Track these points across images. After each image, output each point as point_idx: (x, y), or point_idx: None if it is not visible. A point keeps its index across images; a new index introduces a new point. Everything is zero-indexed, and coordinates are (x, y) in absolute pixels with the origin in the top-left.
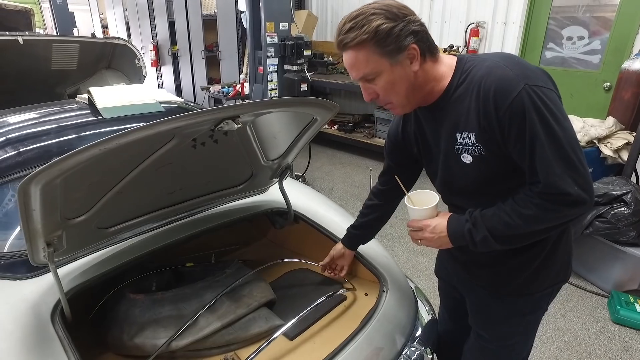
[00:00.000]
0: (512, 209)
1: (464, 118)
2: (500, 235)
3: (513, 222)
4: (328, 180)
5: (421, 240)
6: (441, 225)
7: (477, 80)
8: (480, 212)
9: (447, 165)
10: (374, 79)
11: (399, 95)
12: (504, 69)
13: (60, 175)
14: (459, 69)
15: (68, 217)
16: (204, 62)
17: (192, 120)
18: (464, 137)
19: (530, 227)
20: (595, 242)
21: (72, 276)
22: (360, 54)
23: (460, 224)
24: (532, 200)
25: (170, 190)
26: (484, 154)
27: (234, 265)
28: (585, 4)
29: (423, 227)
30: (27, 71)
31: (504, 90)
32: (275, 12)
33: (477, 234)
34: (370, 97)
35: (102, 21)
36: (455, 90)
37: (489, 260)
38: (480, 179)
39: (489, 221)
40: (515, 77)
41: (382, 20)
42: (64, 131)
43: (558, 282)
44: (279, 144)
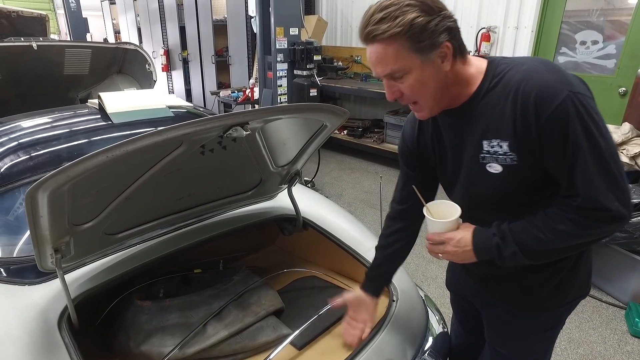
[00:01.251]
0: (544, 224)
1: (494, 125)
2: (531, 250)
3: (545, 238)
4: (337, 186)
5: (443, 254)
6: (465, 238)
7: (514, 84)
8: (509, 226)
9: (468, 176)
10: (402, 76)
11: (427, 96)
12: (545, 74)
13: (68, 182)
14: (490, 72)
15: (76, 224)
16: (214, 67)
17: (201, 127)
18: (494, 146)
19: (564, 243)
20: (612, 252)
21: (80, 282)
22: (390, 49)
23: (487, 238)
24: (567, 216)
25: (179, 197)
26: (517, 163)
27: (242, 272)
28: (600, 7)
29: (445, 241)
30: (40, 76)
31: (546, 96)
32: (285, 17)
33: (506, 249)
34: (394, 97)
35: (114, 26)
36: (486, 95)
37: (509, 275)
38: (508, 190)
39: (519, 236)
40: (558, 83)
41: (418, 13)
42: (74, 136)
43: (580, 297)
44: (288, 150)
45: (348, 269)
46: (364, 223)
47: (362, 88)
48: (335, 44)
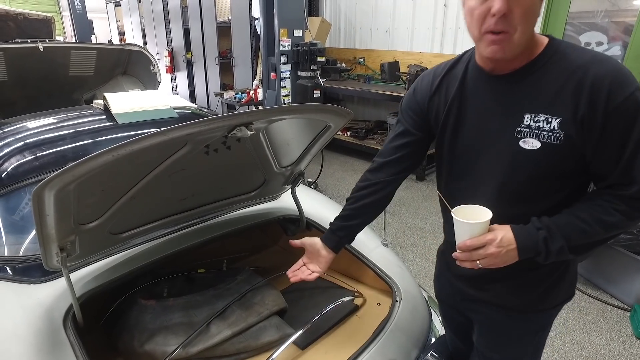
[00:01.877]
0: (589, 216)
1: (548, 100)
2: (576, 244)
3: (591, 230)
4: (340, 187)
5: (484, 260)
6: (508, 236)
7: (583, 65)
8: (551, 220)
9: (494, 152)
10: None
11: (529, 29)
12: (616, 62)
13: (74, 181)
14: (552, 47)
15: (81, 223)
16: (217, 68)
17: (205, 127)
18: (539, 120)
19: (607, 234)
20: (616, 254)
21: (85, 281)
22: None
23: (532, 233)
24: (616, 207)
25: (183, 196)
26: (560, 143)
27: (245, 272)
28: (604, 9)
29: (487, 242)
30: (46, 78)
31: (621, 83)
32: (289, 19)
33: (554, 243)
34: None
35: (119, 28)
36: (542, 67)
37: (500, 274)
38: (539, 172)
39: (565, 229)
40: (629, 74)
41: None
42: (79, 136)
43: (568, 298)
44: (292, 150)
45: (351, 269)
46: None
47: (366, 90)
48: (338, 46)
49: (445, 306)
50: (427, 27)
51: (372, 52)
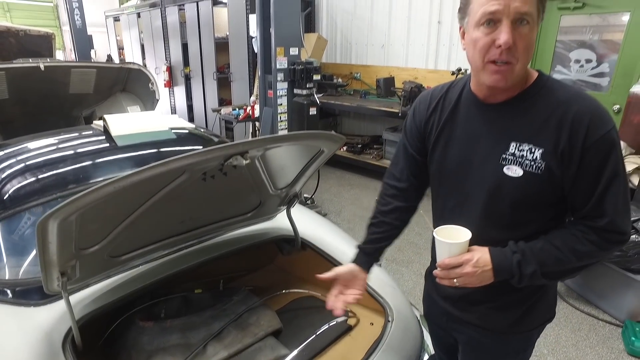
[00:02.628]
0: (563, 244)
1: (533, 131)
2: (548, 270)
3: (565, 258)
4: (337, 202)
5: (460, 278)
6: (484, 258)
7: (566, 101)
8: (527, 245)
9: (480, 176)
10: (529, 23)
11: (527, 59)
12: (596, 102)
13: (78, 211)
14: (540, 81)
15: (82, 248)
16: (215, 83)
17: (203, 158)
18: (523, 150)
19: (580, 263)
20: (606, 270)
21: (84, 303)
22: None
23: (507, 256)
24: (587, 237)
25: (181, 220)
26: (541, 173)
27: (242, 292)
28: (594, 24)
29: (464, 262)
30: (46, 95)
31: (598, 122)
32: (286, 38)
33: (527, 267)
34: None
35: (118, 43)
36: (530, 100)
37: (483, 297)
38: (520, 199)
39: (539, 254)
40: (607, 113)
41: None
42: (79, 158)
43: (548, 319)
44: (287, 173)
45: None
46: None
47: (361, 105)
48: (335, 61)
49: (434, 326)
50: (421, 43)
51: (368, 67)
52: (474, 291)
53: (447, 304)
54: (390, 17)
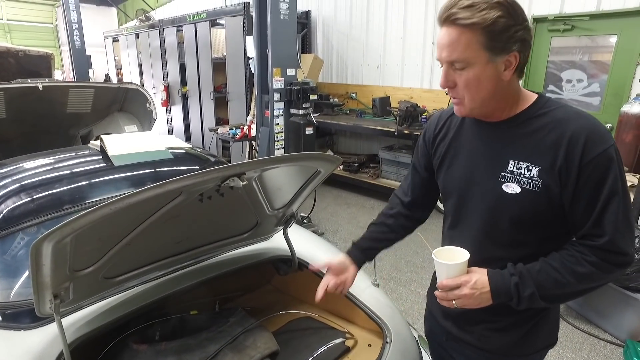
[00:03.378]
0: (562, 266)
1: (530, 149)
2: (547, 293)
3: (563, 280)
4: (333, 221)
5: (459, 300)
6: (482, 280)
7: (563, 120)
8: (525, 267)
9: (480, 193)
10: (463, 68)
11: (476, 96)
12: (595, 120)
13: (72, 233)
14: (539, 102)
15: (76, 269)
16: (212, 103)
17: (200, 179)
18: (521, 167)
19: (580, 285)
20: (606, 288)
21: (77, 326)
22: (464, 36)
23: (505, 278)
24: (586, 258)
25: (177, 240)
26: (538, 191)
27: (238, 314)
28: (584, 45)
29: (462, 284)
30: (43, 115)
31: (596, 140)
32: (282, 58)
33: (525, 289)
34: (447, 85)
35: (116, 63)
36: (527, 120)
37: (482, 316)
38: (519, 216)
39: (537, 276)
40: (606, 132)
41: (504, 14)
42: (76, 178)
43: (550, 345)
44: (284, 194)
45: (342, 309)
46: None
47: (358, 124)
48: (331, 81)
49: (435, 344)
50: (416, 63)
51: (363, 87)
52: (474, 310)
53: (447, 322)
54: (385, 37)
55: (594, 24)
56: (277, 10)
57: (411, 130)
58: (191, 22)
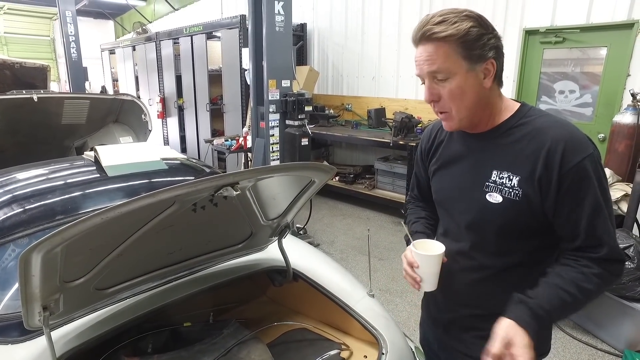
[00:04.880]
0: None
1: (511, 159)
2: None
3: (571, 300)
4: (329, 232)
5: None
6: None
7: (543, 130)
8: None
9: (466, 202)
10: (445, 79)
11: (462, 106)
12: (574, 129)
13: (63, 243)
14: (520, 112)
15: (67, 280)
16: (208, 115)
17: (193, 188)
18: (503, 177)
19: (588, 301)
20: (603, 298)
21: (67, 339)
22: (442, 49)
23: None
24: (592, 272)
25: (170, 251)
26: (519, 200)
27: (232, 325)
28: (575, 57)
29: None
30: (38, 126)
31: (575, 149)
32: (278, 70)
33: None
34: (432, 99)
35: (113, 75)
36: (510, 129)
37: (471, 324)
38: (503, 225)
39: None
40: (585, 139)
41: (474, 24)
42: (69, 189)
43: (542, 353)
44: (278, 204)
45: (338, 320)
46: (356, 270)
47: (353, 135)
48: (326, 93)
49: (430, 352)
50: (411, 75)
51: (359, 98)
52: (464, 318)
53: (438, 330)
54: (380, 49)
55: (585, 36)
56: (272, 22)
57: (406, 141)
58: (188, 35)
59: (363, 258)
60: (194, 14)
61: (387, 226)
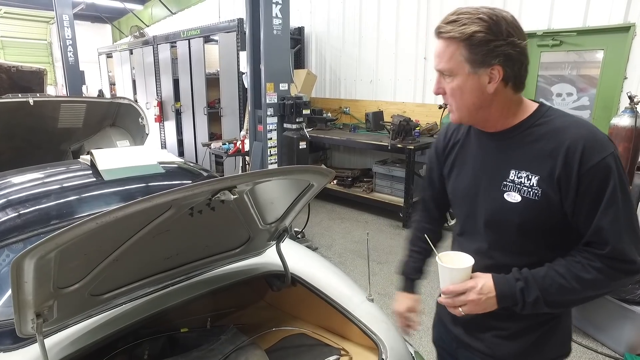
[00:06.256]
0: (567, 271)
1: (530, 158)
2: (552, 299)
3: (568, 285)
4: (327, 236)
5: (465, 306)
6: (488, 284)
7: (562, 129)
8: (531, 272)
9: (485, 201)
10: (449, 76)
11: (461, 104)
12: (594, 129)
13: (56, 249)
14: (539, 112)
15: (61, 287)
16: (205, 118)
17: (190, 192)
18: (521, 177)
19: (585, 292)
20: (603, 301)
21: (61, 346)
22: (448, 49)
23: (510, 283)
24: (592, 264)
25: (167, 256)
26: (538, 199)
27: (230, 331)
28: (572, 60)
29: (468, 289)
30: (34, 129)
31: (595, 147)
32: (275, 73)
33: (530, 294)
34: (438, 92)
35: (110, 78)
36: (528, 129)
37: (492, 323)
38: (521, 224)
39: (542, 282)
40: (605, 140)
41: (483, 29)
42: (64, 193)
43: (562, 355)
44: (276, 208)
45: (337, 325)
46: (354, 274)
47: (351, 139)
48: (324, 96)
49: (444, 352)
50: (408, 78)
51: (357, 102)
52: (484, 316)
53: (457, 329)
54: (378, 53)
55: (581, 39)
56: (270, 26)
57: (404, 145)
58: (185, 39)
59: (361, 262)
60: (192, 17)
61: (385, 229)
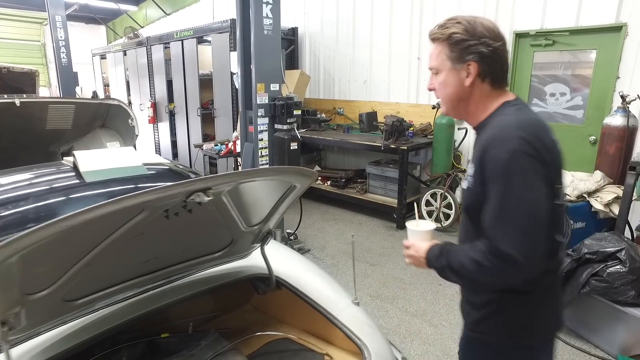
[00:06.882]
0: (469, 250)
1: (475, 152)
2: (455, 268)
3: (465, 262)
4: (320, 237)
5: (408, 258)
6: (423, 247)
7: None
8: (452, 246)
9: None
10: (437, 73)
11: (445, 97)
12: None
13: (17, 254)
14: (498, 110)
15: (28, 293)
16: (199, 119)
17: (161, 194)
18: (470, 167)
19: (473, 272)
20: (595, 302)
21: (31, 354)
22: (436, 49)
23: (435, 250)
24: (479, 246)
25: (145, 259)
26: (472, 187)
27: (211, 336)
28: (566, 60)
29: (409, 246)
30: (22, 131)
31: (497, 142)
32: (266, 74)
33: (439, 261)
34: (430, 88)
35: (104, 80)
36: (485, 125)
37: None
38: (464, 207)
39: (452, 255)
40: (511, 138)
41: (460, 31)
42: (43, 195)
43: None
44: (260, 210)
45: (321, 330)
46: (346, 276)
47: (345, 139)
48: (318, 97)
49: None
50: (402, 78)
51: (350, 102)
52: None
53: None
54: (372, 53)
55: (574, 39)
56: (260, 26)
57: (398, 145)
58: (178, 39)
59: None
60: (186, 18)
61: (379, 231)
